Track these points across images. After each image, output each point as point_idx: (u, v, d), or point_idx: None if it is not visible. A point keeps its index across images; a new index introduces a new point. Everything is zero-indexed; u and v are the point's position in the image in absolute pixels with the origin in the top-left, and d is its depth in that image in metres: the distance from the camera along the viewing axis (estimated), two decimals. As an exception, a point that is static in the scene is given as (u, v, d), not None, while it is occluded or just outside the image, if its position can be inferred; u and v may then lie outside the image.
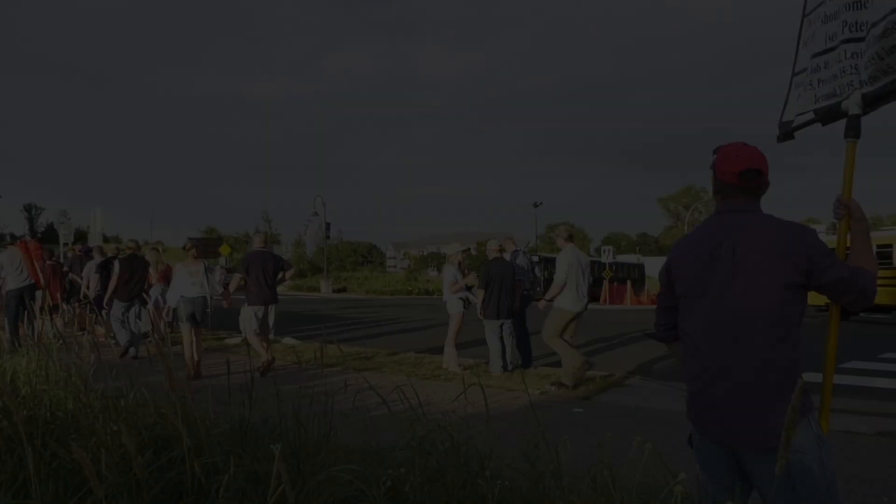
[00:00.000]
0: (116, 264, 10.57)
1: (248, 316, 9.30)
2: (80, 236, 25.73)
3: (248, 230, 57.10)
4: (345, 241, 72.01)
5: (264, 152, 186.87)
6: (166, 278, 11.52)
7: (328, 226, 47.77)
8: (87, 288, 11.89)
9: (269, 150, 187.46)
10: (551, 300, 8.29)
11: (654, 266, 50.23)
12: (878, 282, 2.38)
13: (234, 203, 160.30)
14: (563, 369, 8.20)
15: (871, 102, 2.66)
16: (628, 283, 35.92)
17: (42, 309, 9.77)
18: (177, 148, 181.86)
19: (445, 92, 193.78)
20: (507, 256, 9.63)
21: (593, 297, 37.46)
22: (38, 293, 11.02)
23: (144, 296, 10.88)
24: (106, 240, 19.94)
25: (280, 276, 9.62)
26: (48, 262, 11.93)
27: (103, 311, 10.73)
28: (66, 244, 21.42)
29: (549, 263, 38.47)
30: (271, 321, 9.36)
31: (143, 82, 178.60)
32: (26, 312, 8.56)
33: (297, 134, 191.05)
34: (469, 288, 9.44)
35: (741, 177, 2.39)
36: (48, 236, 73.59)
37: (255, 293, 9.29)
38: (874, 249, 2.50)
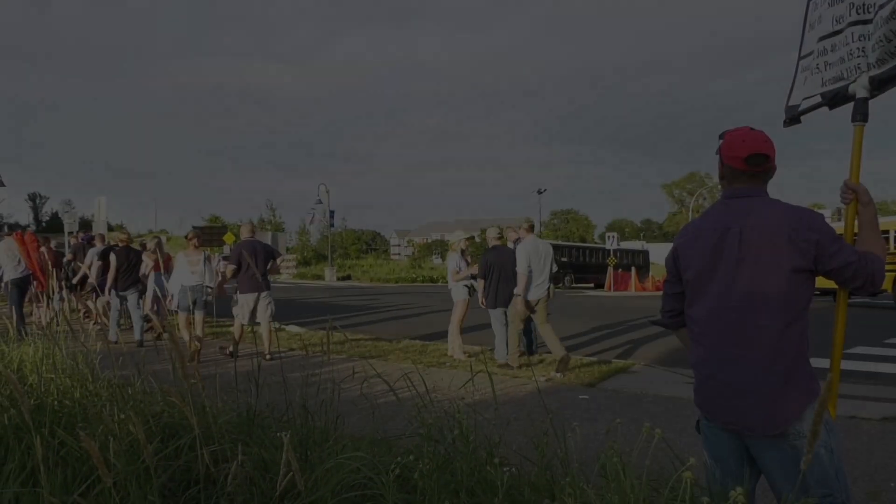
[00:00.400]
0: (113, 256, 10.72)
1: (242, 304, 9.50)
2: (85, 225, 25.78)
3: (252, 218, 57.08)
4: (349, 230, 71.87)
5: (268, 140, 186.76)
6: (169, 267, 11.68)
7: (332, 214, 47.74)
8: (89, 272, 12.05)
9: (273, 137, 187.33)
10: (524, 294, 8.50)
11: (658, 252, 50.15)
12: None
13: (238, 191, 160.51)
14: (554, 353, 8.46)
15: (879, 85, 2.64)
16: (633, 269, 35.90)
17: (42, 296, 9.95)
18: (181, 136, 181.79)
19: (450, 79, 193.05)
20: (510, 245, 9.63)
21: (597, 284, 37.64)
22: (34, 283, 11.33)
23: (142, 284, 11.13)
24: (110, 228, 19.97)
25: (270, 264, 9.72)
26: (42, 248, 12.08)
27: (103, 298, 11.01)
28: (70, 233, 21.47)
29: (553, 250, 38.44)
30: (268, 308, 9.50)
31: (147, 71, 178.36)
32: (26, 301, 8.71)
33: (302, 122, 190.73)
34: (474, 277, 9.44)
35: (747, 162, 2.37)
36: (53, 225, 73.76)
37: (247, 282, 9.45)
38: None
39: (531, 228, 8.93)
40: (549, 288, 8.65)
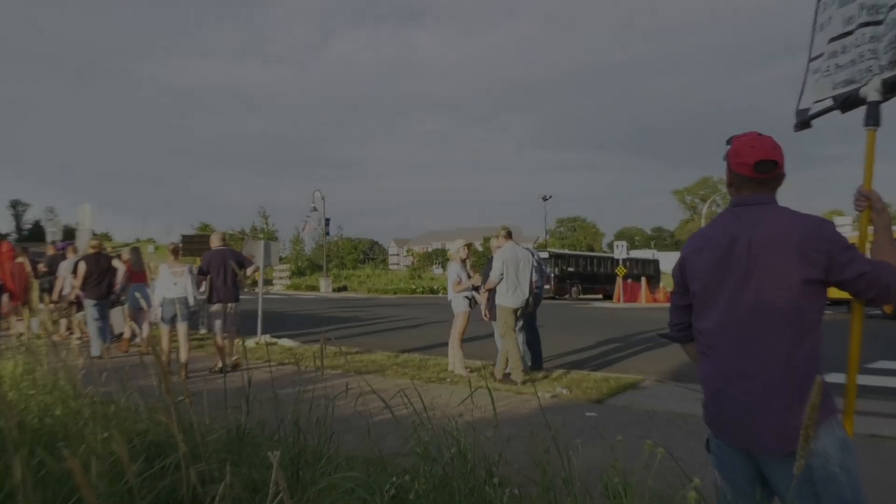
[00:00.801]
0: (81, 263, 10.81)
1: (215, 314, 9.66)
2: (70, 234, 25.79)
3: (244, 226, 57.15)
4: (345, 238, 71.96)
5: (261, 145, 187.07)
6: (147, 279, 11.85)
7: (327, 221, 47.95)
8: (63, 288, 12.14)
9: (266, 143, 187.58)
10: (486, 291, 8.98)
11: (669, 262, 50.10)
12: None
13: (229, 198, 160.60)
14: (498, 363, 8.79)
15: (892, 88, 2.66)
16: (643, 279, 35.87)
17: (20, 309, 10.05)
18: (171, 141, 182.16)
19: (450, 81, 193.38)
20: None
21: (605, 295, 37.57)
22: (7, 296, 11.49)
23: (115, 295, 11.32)
24: (95, 237, 19.89)
25: (241, 273, 9.89)
26: (19, 259, 12.20)
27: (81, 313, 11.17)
28: (52, 242, 21.44)
29: (559, 259, 38.49)
30: (234, 320, 9.65)
31: (135, 73, 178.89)
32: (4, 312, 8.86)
33: (296, 126, 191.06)
34: (476, 288, 9.46)
35: (756, 168, 2.39)
36: (35, 234, 73.87)
37: (217, 292, 9.61)
38: None
39: (509, 235, 9.18)
40: (527, 299, 8.82)
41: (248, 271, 10.30)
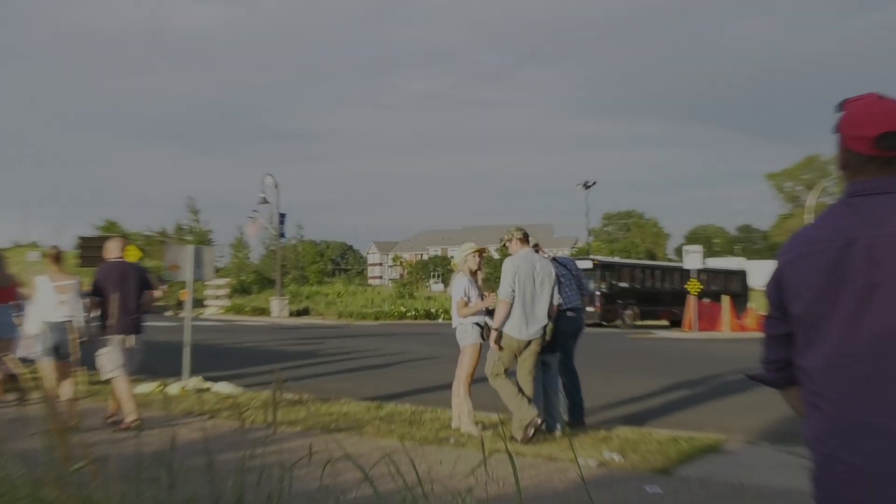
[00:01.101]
0: None
1: (110, 350, 9.61)
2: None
3: (164, 225, 57.28)
4: (307, 241, 72.15)
5: (191, 113, 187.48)
6: (15, 296, 11.88)
7: (282, 218, 47.89)
8: None
9: (198, 109, 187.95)
10: (500, 328, 8.83)
11: (762, 274, 50.16)
12: None
13: (145, 187, 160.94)
14: (514, 421, 8.69)
15: None
16: (725, 299, 35.83)
17: None
18: (64, 108, 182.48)
19: (452, 24, 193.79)
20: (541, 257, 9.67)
21: (672, 320, 37.60)
22: None
23: None
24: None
25: (146, 296, 10.02)
26: None
27: None
28: None
29: (607, 271, 38.50)
30: (133, 356, 9.66)
31: (20, 13, 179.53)
32: None
33: (239, 87, 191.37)
34: (490, 312, 9.44)
35: (878, 143, 2.39)
36: None
37: (114, 319, 9.60)
38: None
39: (525, 239, 9.24)
40: (544, 327, 8.87)
41: (156, 293, 10.30)
